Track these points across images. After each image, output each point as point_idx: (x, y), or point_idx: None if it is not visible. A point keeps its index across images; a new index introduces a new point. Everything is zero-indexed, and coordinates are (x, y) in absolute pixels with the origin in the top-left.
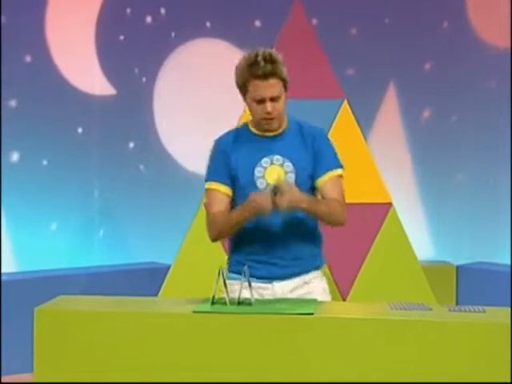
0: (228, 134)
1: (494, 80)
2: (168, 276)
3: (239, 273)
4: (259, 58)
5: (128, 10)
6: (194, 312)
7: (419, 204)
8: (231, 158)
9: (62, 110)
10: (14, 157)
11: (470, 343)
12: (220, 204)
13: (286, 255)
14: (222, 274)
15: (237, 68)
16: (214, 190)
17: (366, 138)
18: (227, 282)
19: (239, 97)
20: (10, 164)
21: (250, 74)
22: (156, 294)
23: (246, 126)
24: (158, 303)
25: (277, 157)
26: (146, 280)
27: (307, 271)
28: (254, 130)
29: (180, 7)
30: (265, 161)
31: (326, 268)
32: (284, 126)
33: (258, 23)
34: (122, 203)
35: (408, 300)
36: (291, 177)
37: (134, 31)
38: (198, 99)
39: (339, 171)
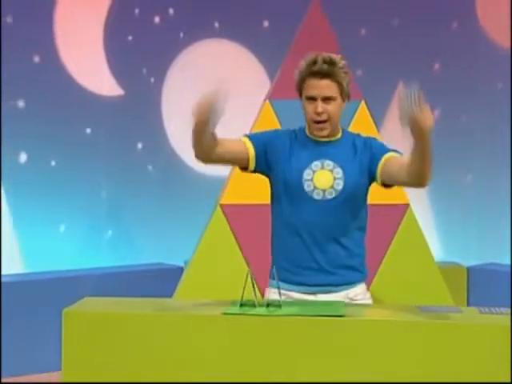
0: (288, 131)
1: (503, 81)
2: (184, 277)
3: (281, 279)
4: (319, 58)
5: (136, 11)
6: (224, 314)
7: (428, 205)
8: (284, 155)
9: (70, 111)
10: (22, 157)
11: (472, 344)
12: (228, 142)
13: (328, 262)
14: (250, 276)
15: (297, 68)
16: (242, 141)
17: None
18: (269, 289)
19: (247, 97)
20: (18, 165)
21: (307, 72)
22: (165, 295)
23: (302, 129)
24: (185, 305)
25: (328, 162)
26: (155, 281)
27: (351, 283)
28: (309, 134)
29: (188, 7)
30: (315, 164)
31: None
32: (338, 135)
33: (266, 24)
34: (130, 204)
35: (425, 300)
36: (340, 183)
37: (143, 31)
38: None
39: (397, 154)
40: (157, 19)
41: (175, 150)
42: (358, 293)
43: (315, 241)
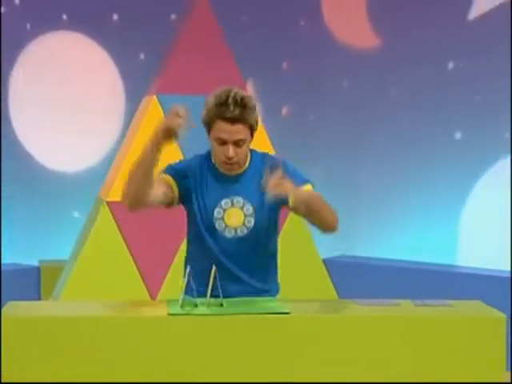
0: (198, 161)
1: (348, 79)
2: (71, 276)
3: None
4: (230, 101)
5: None
6: (170, 315)
7: None
8: (195, 188)
9: None
10: None
11: (465, 338)
12: (156, 185)
13: (242, 293)
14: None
15: (205, 104)
16: (162, 178)
17: None
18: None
19: (95, 91)
20: None
21: (217, 115)
22: (24, 295)
23: (210, 158)
24: (120, 306)
25: (237, 198)
26: (11, 281)
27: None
28: (217, 166)
29: None
30: (225, 202)
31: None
32: (246, 164)
33: (115, 17)
34: None
35: (311, 294)
36: (251, 221)
37: None
38: (54, 93)
39: (308, 186)
40: (2, 9)
41: (23, 146)
42: None
43: (229, 275)
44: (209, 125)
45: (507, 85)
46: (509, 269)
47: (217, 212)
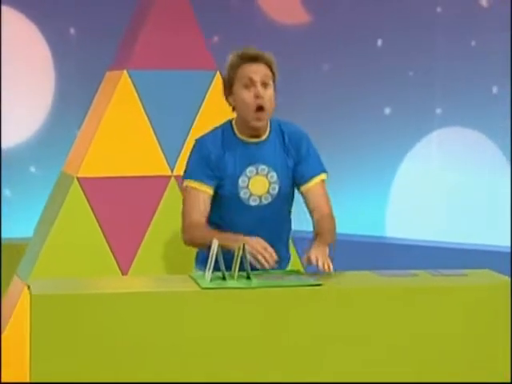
0: (213, 136)
1: (280, 55)
2: (41, 254)
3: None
4: (250, 47)
5: None
6: (204, 289)
7: None
8: (217, 164)
9: None
10: None
11: (474, 305)
12: (200, 209)
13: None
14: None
15: (226, 64)
16: (196, 188)
17: None
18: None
19: (23, 66)
20: None
21: (240, 59)
22: None
23: (230, 128)
24: (144, 282)
25: (262, 166)
26: None
27: None
28: (239, 134)
29: None
30: (250, 170)
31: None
32: (267, 131)
33: None
34: None
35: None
36: (275, 188)
37: None
38: None
39: (323, 176)
40: None
41: None
42: None
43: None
44: (232, 77)
45: (438, 60)
46: (436, 239)
47: (241, 181)
